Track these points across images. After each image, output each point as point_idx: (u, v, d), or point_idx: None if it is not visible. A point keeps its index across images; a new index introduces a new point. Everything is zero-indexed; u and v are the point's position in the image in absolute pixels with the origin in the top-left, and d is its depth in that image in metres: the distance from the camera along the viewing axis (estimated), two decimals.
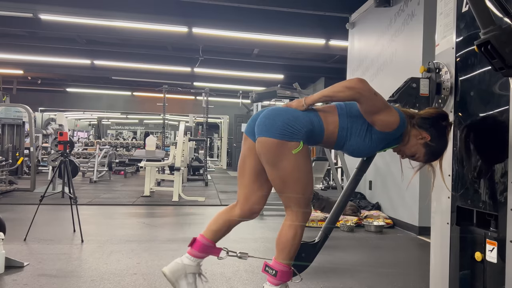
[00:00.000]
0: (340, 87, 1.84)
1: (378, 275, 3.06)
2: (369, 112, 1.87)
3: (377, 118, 1.87)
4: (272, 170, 1.88)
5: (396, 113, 1.89)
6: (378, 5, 5.28)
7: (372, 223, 4.75)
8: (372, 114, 1.87)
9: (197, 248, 2.05)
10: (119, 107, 18.09)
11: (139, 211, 5.76)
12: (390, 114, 1.87)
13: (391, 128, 1.89)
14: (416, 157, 1.98)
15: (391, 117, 1.87)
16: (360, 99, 1.83)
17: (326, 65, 10.66)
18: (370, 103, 1.84)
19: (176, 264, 2.05)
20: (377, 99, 1.84)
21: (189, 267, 2.04)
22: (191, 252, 2.05)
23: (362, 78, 1.87)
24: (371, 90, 1.84)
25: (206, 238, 2.06)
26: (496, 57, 1.40)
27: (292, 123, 1.83)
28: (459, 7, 1.99)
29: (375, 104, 1.84)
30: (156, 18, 7.26)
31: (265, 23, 7.43)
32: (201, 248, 2.05)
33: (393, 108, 1.91)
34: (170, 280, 2.03)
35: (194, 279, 2.06)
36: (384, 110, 1.86)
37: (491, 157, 1.75)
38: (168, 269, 2.04)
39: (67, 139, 4.53)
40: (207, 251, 2.06)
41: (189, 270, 2.04)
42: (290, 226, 1.90)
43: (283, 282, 1.90)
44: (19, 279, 2.71)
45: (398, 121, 1.88)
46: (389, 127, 1.88)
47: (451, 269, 1.95)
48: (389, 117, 1.87)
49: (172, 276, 2.03)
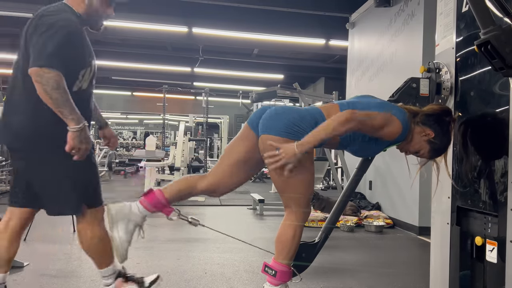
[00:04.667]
0: (338, 124, 1.77)
1: (378, 275, 3.06)
2: (371, 132, 1.89)
3: (379, 134, 1.89)
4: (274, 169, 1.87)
5: (396, 121, 1.88)
6: (378, 5, 5.28)
7: (372, 223, 4.75)
8: (375, 132, 1.89)
9: (150, 200, 1.96)
10: (119, 107, 18.09)
11: None
12: (391, 125, 1.87)
13: (395, 136, 1.91)
14: (421, 154, 1.98)
15: (394, 128, 1.88)
16: (362, 127, 1.85)
17: (326, 65, 10.67)
18: (370, 125, 1.85)
19: (124, 206, 1.96)
20: (375, 119, 1.85)
21: (134, 215, 1.95)
22: (143, 203, 1.96)
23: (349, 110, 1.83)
24: (365, 114, 1.84)
25: (163, 194, 1.97)
26: (496, 57, 1.40)
27: (297, 122, 1.83)
28: (459, 7, 1.99)
29: (374, 124, 1.85)
30: (156, 18, 7.26)
31: (265, 23, 7.43)
32: (154, 202, 1.96)
33: (392, 116, 1.89)
34: (111, 217, 1.94)
35: (133, 229, 1.97)
36: (385, 124, 1.87)
37: (491, 157, 1.75)
38: (114, 207, 1.95)
39: None
40: (158, 207, 1.98)
41: (133, 217, 1.95)
42: (290, 226, 1.89)
43: (283, 282, 1.90)
44: (19, 279, 2.71)
45: (400, 128, 1.88)
46: (393, 136, 1.91)
47: (451, 269, 1.95)
48: (391, 128, 1.88)
49: (115, 214, 1.93)
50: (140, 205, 1.96)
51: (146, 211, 1.96)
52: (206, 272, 2.98)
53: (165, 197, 1.97)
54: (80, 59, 1.98)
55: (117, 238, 1.93)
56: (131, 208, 1.96)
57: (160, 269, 2.99)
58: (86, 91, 2.09)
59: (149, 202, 1.96)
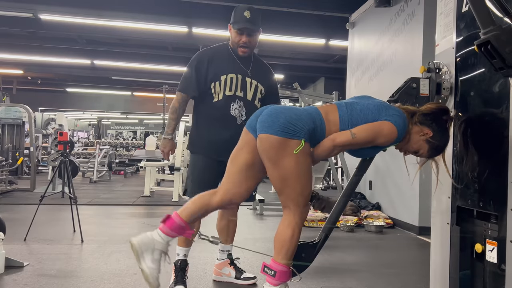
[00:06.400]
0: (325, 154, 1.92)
1: (378, 275, 3.06)
2: (364, 146, 1.92)
3: (377, 143, 1.91)
4: (272, 168, 1.87)
5: (388, 128, 1.88)
6: (378, 5, 5.28)
7: (372, 223, 4.75)
8: (366, 145, 1.91)
9: (169, 225, 1.96)
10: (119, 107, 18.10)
11: (139, 211, 5.76)
12: (382, 135, 1.88)
13: (391, 142, 1.92)
14: (420, 153, 1.98)
15: (386, 137, 1.89)
16: (351, 147, 1.93)
17: (326, 65, 10.67)
18: (357, 145, 1.91)
19: (146, 237, 1.96)
20: (359, 140, 1.87)
21: (158, 243, 1.95)
22: (163, 229, 1.96)
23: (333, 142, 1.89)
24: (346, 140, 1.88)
25: (181, 217, 1.97)
26: (496, 57, 1.40)
27: (294, 121, 1.83)
28: (459, 7, 1.99)
29: (360, 143, 1.89)
30: (156, 18, 7.26)
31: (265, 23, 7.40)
32: (173, 227, 1.96)
33: (383, 123, 1.89)
34: (136, 251, 1.93)
35: (160, 257, 1.97)
36: (373, 139, 1.88)
37: (491, 157, 1.75)
38: (137, 240, 1.94)
39: (67, 139, 4.53)
40: (179, 231, 1.98)
41: (157, 246, 1.95)
42: (288, 226, 1.89)
43: (282, 282, 1.90)
44: (19, 279, 2.71)
45: (395, 132, 1.88)
46: (388, 142, 1.92)
47: (451, 269, 1.95)
48: (383, 139, 1.89)
49: (139, 247, 1.93)
50: (161, 232, 1.96)
51: (168, 237, 1.97)
52: (206, 272, 2.98)
53: (183, 219, 1.97)
54: None
55: (146, 269, 1.93)
56: (153, 237, 1.96)
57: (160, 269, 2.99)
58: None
59: (169, 228, 1.96)
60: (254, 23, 2.59)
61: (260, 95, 2.66)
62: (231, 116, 2.57)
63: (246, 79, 2.62)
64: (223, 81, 2.57)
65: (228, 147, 2.09)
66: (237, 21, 2.59)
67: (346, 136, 1.87)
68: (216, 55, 2.64)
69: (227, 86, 2.57)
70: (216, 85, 2.57)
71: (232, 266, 2.73)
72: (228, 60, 2.62)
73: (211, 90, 2.59)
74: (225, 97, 2.57)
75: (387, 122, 1.88)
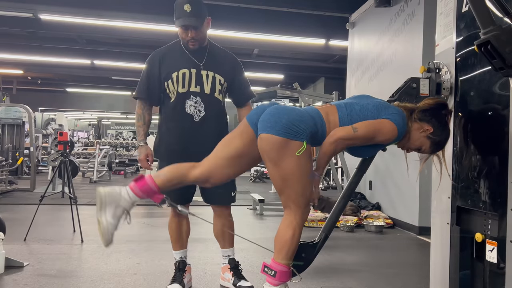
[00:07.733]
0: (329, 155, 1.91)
1: (378, 275, 3.07)
2: (365, 143, 1.91)
3: (377, 141, 1.90)
4: (273, 168, 1.87)
5: (389, 126, 1.88)
6: (378, 5, 5.28)
7: (372, 223, 4.75)
8: (368, 143, 1.91)
9: (140, 186, 1.93)
10: (119, 107, 18.11)
11: (139, 211, 5.75)
12: (382, 133, 1.88)
13: (391, 140, 1.92)
14: (422, 150, 1.99)
15: (386, 135, 1.88)
16: (353, 144, 1.91)
17: (326, 65, 10.67)
18: (359, 141, 1.89)
19: (114, 191, 1.93)
20: (360, 136, 1.86)
21: (124, 201, 1.92)
22: (133, 188, 1.93)
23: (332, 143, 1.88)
24: (347, 136, 1.87)
25: (154, 181, 1.94)
26: (496, 57, 1.40)
27: (297, 123, 1.83)
28: (459, 7, 1.99)
29: (362, 139, 1.88)
30: (156, 18, 7.25)
31: (265, 23, 7.43)
32: (144, 188, 1.92)
33: (383, 121, 1.89)
34: (100, 201, 1.91)
35: (121, 214, 1.94)
36: (374, 135, 1.88)
37: (491, 157, 1.75)
38: (105, 191, 1.92)
39: (67, 139, 4.53)
40: (148, 194, 1.94)
41: (122, 203, 1.92)
42: (289, 226, 1.89)
43: (282, 282, 1.89)
44: (19, 279, 2.71)
45: (395, 131, 1.88)
46: (388, 140, 1.91)
47: (451, 269, 1.95)
48: (383, 136, 1.89)
49: (104, 198, 1.91)
50: (130, 191, 1.92)
51: (136, 197, 1.93)
52: (206, 272, 2.98)
53: (156, 184, 1.94)
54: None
55: (104, 221, 1.91)
56: (121, 193, 1.92)
57: (160, 269, 2.99)
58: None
59: (140, 188, 1.92)
60: (197, 16, 2.40)
61: (220, 86, 2.55)
62: (186, 114, 2.48)
63: (201, 72, 2.50)
64: (175, 79, 2.47)
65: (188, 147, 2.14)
66: (178, 17, 2.42)
67: (348, 130, 1.87)
68: (168, 53, 2.55)
69: (179, 83, 2.47)
70: (170, 84, 2.49)
71: (231, 271, 2.68)
72: (181, 56, 2.51)
73: (166, 90, 2.52)
74: (178, 95, 2.48)
75: (387, 121, 1.89)
